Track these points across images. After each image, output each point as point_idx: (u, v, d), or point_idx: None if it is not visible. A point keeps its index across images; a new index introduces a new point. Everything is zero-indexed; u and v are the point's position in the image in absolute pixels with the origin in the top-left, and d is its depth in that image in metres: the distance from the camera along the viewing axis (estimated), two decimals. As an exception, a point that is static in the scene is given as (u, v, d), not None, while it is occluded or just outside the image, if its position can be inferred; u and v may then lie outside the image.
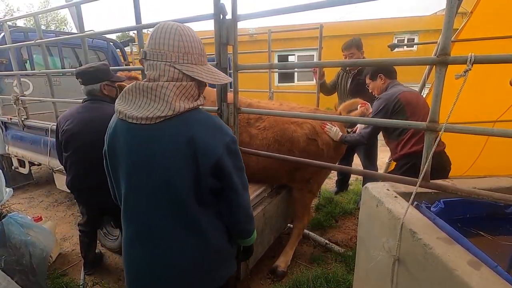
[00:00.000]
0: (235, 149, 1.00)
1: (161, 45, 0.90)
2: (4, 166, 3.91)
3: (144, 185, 0.97)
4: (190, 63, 0.94)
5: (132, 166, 0.97)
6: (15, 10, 23.24)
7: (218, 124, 0.99)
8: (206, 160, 0.92)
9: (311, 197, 2.44)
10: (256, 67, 2.11)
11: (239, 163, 1.03)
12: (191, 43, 0.93)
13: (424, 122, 1.11)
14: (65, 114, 1.94)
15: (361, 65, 1.56)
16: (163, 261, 1.00)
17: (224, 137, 0.97)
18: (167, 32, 0.91)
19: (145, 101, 0.92)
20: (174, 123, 0.92)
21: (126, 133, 0.96)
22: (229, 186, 1.00)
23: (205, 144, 0.92)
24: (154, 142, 0.93)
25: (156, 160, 0.93)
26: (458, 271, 0.83)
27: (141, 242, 1.02)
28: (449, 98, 1.11)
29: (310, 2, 1.31)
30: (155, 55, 0.91)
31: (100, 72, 1.89)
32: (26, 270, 1.90)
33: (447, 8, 0.99)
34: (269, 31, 3.90)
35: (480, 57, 0.94)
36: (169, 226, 0.98)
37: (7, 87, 3.62)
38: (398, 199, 1.26)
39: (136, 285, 1.06)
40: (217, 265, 1.08)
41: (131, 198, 1.01)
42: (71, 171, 1.93)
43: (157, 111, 0.90)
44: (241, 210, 1.07)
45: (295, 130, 2.15)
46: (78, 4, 2.14)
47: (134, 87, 0.93)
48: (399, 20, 9.70)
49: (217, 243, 1.06)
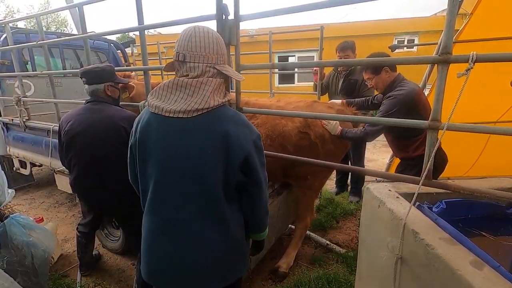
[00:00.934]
0: (260, 145, 1.07)
1: (202, 48, 0.98)
2: (5, 167, 3.92)
3: (176, 178, 1.01)
4: (223, 63, 1.04)
5: (165, 159, 1.01)
6: (15, 11, 23.33)
7: (246, 121, 1.05)
8: (237, 155, 0.98)
9: (312, 194, 2.38)
10: (259, 67, 2.12)
11: (263, 159, 1.09)
12: (223, 46, 1.04)
13: (426, 121, 1.11)
14: (66, 116, 1.95)
15: (365, 64, 1.57)
16: (188, 254, 1.04)
17: (252, 133, 1.03)
18: (204, 36, 0.99)
19: (182, 96, 0.97)
20: (208, 118, 0.97)
21: (160, 127, 1.00)
22: (254, 181, 1.05)
23: (237, 139, 0.97)
24: (188, 136, 0.97)
25: (189, 153, 0.98)
26: (460, 271, 0.83)
27: (167, 235, 1.05)
28: (450, 98, 1.12)
29: (311, 2, 1.31)
30: (196, 57, 0.99)
31: (105, 73, 1.91)
32: (28, 271, 1.90)
33: (448, 7, 0.99)
34: (270, 33, 3.91)
35: (481, 56, 0.94)
36: (198, 219, 1.02)
37: (9, 88, 3.62)
38: (400, 199, 1.26)
39: (158, 277, 1.09)
40: (238, 259, 1.14)
41: (162, 190, 1.04)
42: (73, 171, 1.94)
43: (194, 103, 0.95)
44: (262, 204, 1.13)
45: (286, 124, 2.09)
46: (80, 5, 2.14)
47: (171, 83, 0.99)
48: (399, 21, 9.71)
49: (238, 238, 1.12)
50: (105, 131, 1.84)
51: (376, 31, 9.34)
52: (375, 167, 4.97)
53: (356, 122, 2.28)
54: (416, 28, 9.43)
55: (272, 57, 4.07)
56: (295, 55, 9.98)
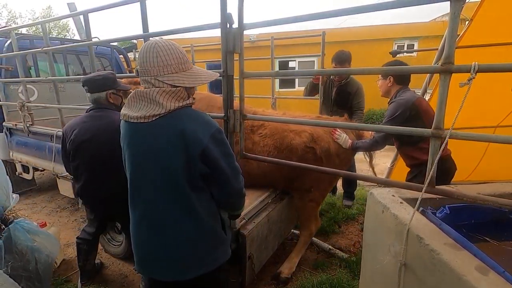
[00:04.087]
0: (220, 138, 1.15)
1: (145, 63, 1.09)
2: (8, 172, 3.93)
3: (146, 174, 1.14)
4: (170, 73, 1.10)
5: (136, 158, 1.15)
6: (17, 17, 23.51)
7: (205, 118, 1.15)
8: (194, 148, 1.07)
9: (314, 206, 2.40)
10: (263, 75, 2.15)
11: (226, 150, 1.17)
12: (168, 56, 1.09)
13: (429, 129, 1.13)
14: (71, 124, 1.96)
15: (368, 73, 1.59)
16: (165, 242, 1.16)
17: (211, 128, 1.12)
18: (147, 51, 1.08)
19: (144, 104, 1.10)
20: (168, 119, 1.09)
21: (129, 132, 1.15)
22: (218, 171, 1.14)
23: (193, 134, 1.07)
24: (151, 136, 1.10)
25: (154, 151, 1.10)
26: (466, 277, 0.84)
27: (146, 225, 1.18)
28: (452, 104, 1.13)
29: (313, 12, 1.34)
30: (143, 72, 1.11)
31: (106, 80, 1.92)
32: (32, 276, 1.91)
33: (450, 18, 1.02)
34: (271, 38, 3.94)
35: (483, 66, 0.96)
36: (169, 209, 1.14)
37: (12, 93, 3.65)
38: (403, 204, 1.27)
39: (143, 265, 1.22)
40: (212, 247, 1.22)
41: (136, 186, 1.18)
42: (80, 179, 1.93)
43: (152, 110, 1.08)
44: (234, 192, 1.23)
45: (294, 138, 2.19)
46: (85, 12, 2.18)
47: (135, 94, 1.12)
48: (399, 26, 9.78)
49: (211, 225, 1.21)
50: (111, 138, 1.85)
51: (376, 36, 9.41)
52: (377, 171, 4.97)
53: (360, 130, 2.34)
54: (416, 33, 9.50)
55: (274, 62, 4.10)
56: (295, 60, 10.04)
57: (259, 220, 2.01)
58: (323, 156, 2.19)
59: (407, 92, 2.10)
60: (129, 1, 1.89)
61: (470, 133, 1.08)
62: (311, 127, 2.22)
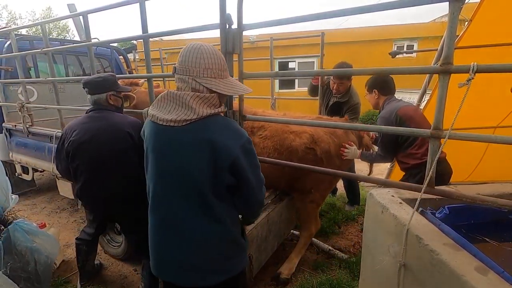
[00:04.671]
0: (250, 148, 1.13)
1: (186, 62, 1.08)
2: (8, 172, 3.92)
3: (170, 179, 1.12)
4: (209, 77, 1.09)
5: (160, 162, 1.13)
6: (18, 17, 23.54)
7: (235, 127, 1.14)
8: (224, 159, 1.06)
9: (314, 207, 2.41)
10: (263, 76, 2.15)
11: (254, 161, 1.16)
12: (210, 60, 1.09)
13: (428, 130, 1.13)
14: (71, 125, 1.95)
15: (368, 73, 1.60)
16: (188, 248, 1.13)
17: (241, 138, 1.11)
18: (190, 51, 1.08)
19: (174, 107, 1.08)
20: (198, 126, 1.07)
21: (156, 134, 1.12)
22: (245, 183, 1.13)
23: (223, 145, 1.05)
24: (179, 142, 1.08)
25: (181, 157, 1.08)
26: (466, 277, 0.84)
27: (167, 229, 1.16)
28: (451, 105, 1.13)
29: (312, 13, 1.34)
30: (182, 70, 1.09)
31: (107, 82, 1.92)
32: (31, 277, 1.91)
33: (449, 18, 1.02)
34: (271, 39, 3.94)
35: (482, 66, 0.96)
36: (192, 215, 1.12)
37: (12, 94, 3.65)
38: (403, 205, 1.27)
39: (163, 269, 1.20)
40: (233, 254, 1.21)
41: (159, 190, 1.15)
42: (80, 180, 1.92)
43: (184, 114, 1.06)
44: (256, 203, 1.23)
45: (294, 139, 2.18)
46: (85, 13, 2.18)
47: (166, 95, 1.10)
48: (399, 27, 9.80)
49: (233, 233, 1.20)
50: (111, 138, 1.85)
51: (375, 37, 9.42)
52: (377, 172, 4.97)
53: (360, 130, 2.38)
54: (416, 34, 9.52)
55: (273, 63, 4.11)
56: (295, 60, 10.05)
57: (258, 220, 2.01)
58: (323, 157, 2.19)
59: (391, 102, 2.19)
60: (128, 2, 1.89)
61: (469, 134, 1.08)
62: (311, 128, 2.22)
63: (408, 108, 2.14)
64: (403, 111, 2.07)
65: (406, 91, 7.71)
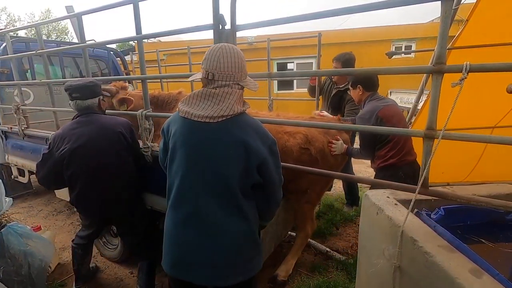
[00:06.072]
0: (275, 150, 1.20)
1: (228, 68, 1.10)
2: (4, 175, 3.90)
3: (200, 175, 1.12)
4: (245, 77, 1.17)
5: (191, 158, 1.13)
6: (17, 20, 23.55)
7: (263, 128, 1.19)
8: (254, 158, 1.11)
9: (310, 207, 2.39)
10: (256, 76, 2.12)
11: (278, 162, 1.22)
12: (244, 62, 1.15)
13: (422, 130, 1.12)
14: (60, 134, 1.87)
15: (362, 73, 1.59)
16: (213, 246, 1.13)
17: (269, 139, 1.17)
18: (231, 56, 1.10)
19: (209, 104, 1.10)
20: (231, 123, 1.10)
21: (189, 129, 1.13)
22: (269, 181, 1.18)
23: (255, 146, 1.10)
24: (213, 138, 1.10)
25: (214, 152, 1.11)
26: (459, 279, 0.83)
27: (191, 227, 1.14)
28: (446, 105, 1.12)
29: (307, 13, 1.33)
30: (224, 77, 1.11)
31: (97, 87, 1.94)
32: (25, 280, 1.89)
33: (441, 17, 1.01)
34: (268, 40, 3.94)
35: (475, 66, 0.95)
36: (221, 214, 1.12)
37: (8, 96, 3.63)
38: (398, 206, 1.26)
39: (180, 267, 1.17)
40: (254, 254, 1.22)
41: (186, 186, 1.15)
42: (76, 187, 1.87)
43: (220, 110, 1.08)
44: (275, 202, 1.27)
45: (288, 140, 2.16)
46: (79, 15, 2.17)
47: (201, 93, 1.12)
48: (397, 28, 9.80)
49: (255, 232, 1.22)
50: (105, 140, 1.83)
51: (374, 38, 9.43)
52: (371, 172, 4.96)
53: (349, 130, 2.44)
54: (414, 34, 9.52)
55: (271, 64, 4.10)
56: (293, 61, 10.06)
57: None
58: (318, 156, 2.18)
59: (372, 101, 2.21)
60: (122, 3, 1.88)
61: (463, 134, 1.07)
62: (305, 128, 2.20)
63: (389, 108, 2.15)
64: (384, 112, 2.09)
65: (406, 91, 7.72)
